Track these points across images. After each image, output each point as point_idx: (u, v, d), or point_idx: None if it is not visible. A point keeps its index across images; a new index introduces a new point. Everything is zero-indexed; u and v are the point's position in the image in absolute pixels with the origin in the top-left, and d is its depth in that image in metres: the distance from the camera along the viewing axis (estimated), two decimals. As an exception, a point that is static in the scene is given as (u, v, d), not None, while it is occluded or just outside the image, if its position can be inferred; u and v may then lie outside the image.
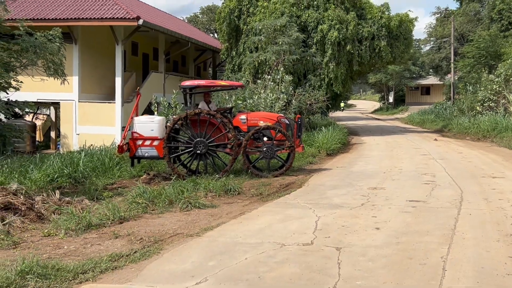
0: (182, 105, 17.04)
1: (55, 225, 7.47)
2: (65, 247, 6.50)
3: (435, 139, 23.97)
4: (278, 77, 19.46)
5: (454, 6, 76.73)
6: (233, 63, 27.91)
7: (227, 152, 12.60)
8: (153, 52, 30.78)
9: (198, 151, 12.18)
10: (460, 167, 13.73)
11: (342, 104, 78.93)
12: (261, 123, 12.47)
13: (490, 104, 27.47)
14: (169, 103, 17.13)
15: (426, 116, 40.17)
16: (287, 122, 13.02)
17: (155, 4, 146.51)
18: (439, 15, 55.19)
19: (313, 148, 17.37)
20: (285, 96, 18.83)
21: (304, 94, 21.80)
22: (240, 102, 17.51)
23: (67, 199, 9.33)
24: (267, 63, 23.32)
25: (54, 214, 8.32)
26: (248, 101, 17.42)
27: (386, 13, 28.11)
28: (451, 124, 29.41)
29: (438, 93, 62.55)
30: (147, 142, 12.39)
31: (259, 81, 19.89)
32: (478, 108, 28.27)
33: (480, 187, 10.51)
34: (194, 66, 35.73)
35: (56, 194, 9.30)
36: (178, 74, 31.78)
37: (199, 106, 13.09)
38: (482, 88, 28.52)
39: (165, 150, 12.12)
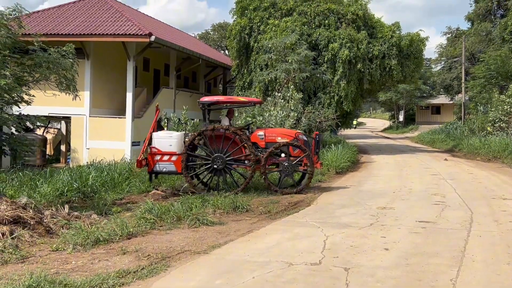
0: (193, 121, 17.17)
1: (63, 239, 7.49)
2: (73, 262, 6.51)
3: (445, 159, 23.81)
4: (288, 94, 19.54)
5: (465, 26, 76.81)
6: (244, 80, 28.03)
7: (241, 173, 12.80)
8: (164, 68, 31.06)
9: (215, 166, 12.25)
10: (470, 188, 13.63)
11: (354, 122, 79.19)
12: (279, 140, 12.59)
13: (501, 125, 27.36)
14: (179, 119, 17.24)
15: (437, 135, 39.99)
16: (305, 138, 13.15)
17: (168, 21, 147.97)
18: (450, 35, 55.20)
19: (322, 166, 17.31)
20: (295, 114, 18.88)
21: (313, 112, 21.86)
22: (249, 119, 17.57)
23: (76, 213, 9.36)
24: (277, 80, 23.42)
25: (63, 229, 8.34)
26: (258, 118, 17.46)
27: (397, 32, 28.13)
28: (461, 144, 29.20)
29: (448, 112, 62.42)
30: (166, 157, 12.50)
31: (269, 98, 19.98)
32: (489, 128, 28.14)
33: (490, 208, 10.43)
34: (204, 82, 35.96)
35: (65, 209, 9.34)
36: (188, 90, 31.99)
37: (221, 122, 13.21)
38: (493, 109, 28.45)
39: (183, 156, 12.17)
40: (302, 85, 23.92)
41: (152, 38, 22.44)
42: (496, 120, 27.77)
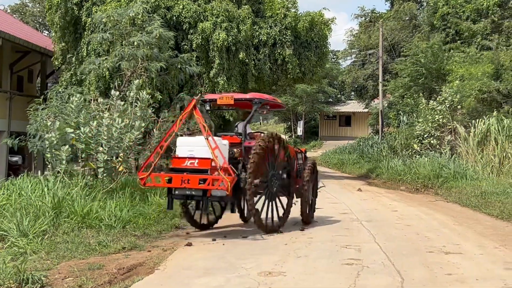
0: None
1: None
2: None
3: (359, 189, 24.05)
4: (132, 94, 18.05)
5: (383, 8, 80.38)
6: (72, 71, 27.25)
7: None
8: None
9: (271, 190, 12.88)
10: (396, 235, 13.04)
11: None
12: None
13: (432, 142, 27.84)
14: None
15: (347, 155, 41.25)
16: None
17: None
18: (363, 18, 56.95)
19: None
20: (142, 124, 17.36)
21: (173, 121, 20.60)
22: (70, 130, 15.84)
23: None
24: (122, 72, 22.19)
25: None
26: (83, 129, 15.68)
27: (293, 10, 28.95)
28: (380, 168, 29.98)
29: (362, 124, 64.62)
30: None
31: (100, 99, 18.34)
32: (415, 146, 28.73)
33: (428, 270, 9.53)
34: (11, 75, 33.63)
35: None
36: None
37: (239, 129, 13.58)
38: (420, 119, 29.00)
39: (250, 186, 11.90)
40: (156, 82, 22.76)
41: None
42: (425, 135, 28.30)
